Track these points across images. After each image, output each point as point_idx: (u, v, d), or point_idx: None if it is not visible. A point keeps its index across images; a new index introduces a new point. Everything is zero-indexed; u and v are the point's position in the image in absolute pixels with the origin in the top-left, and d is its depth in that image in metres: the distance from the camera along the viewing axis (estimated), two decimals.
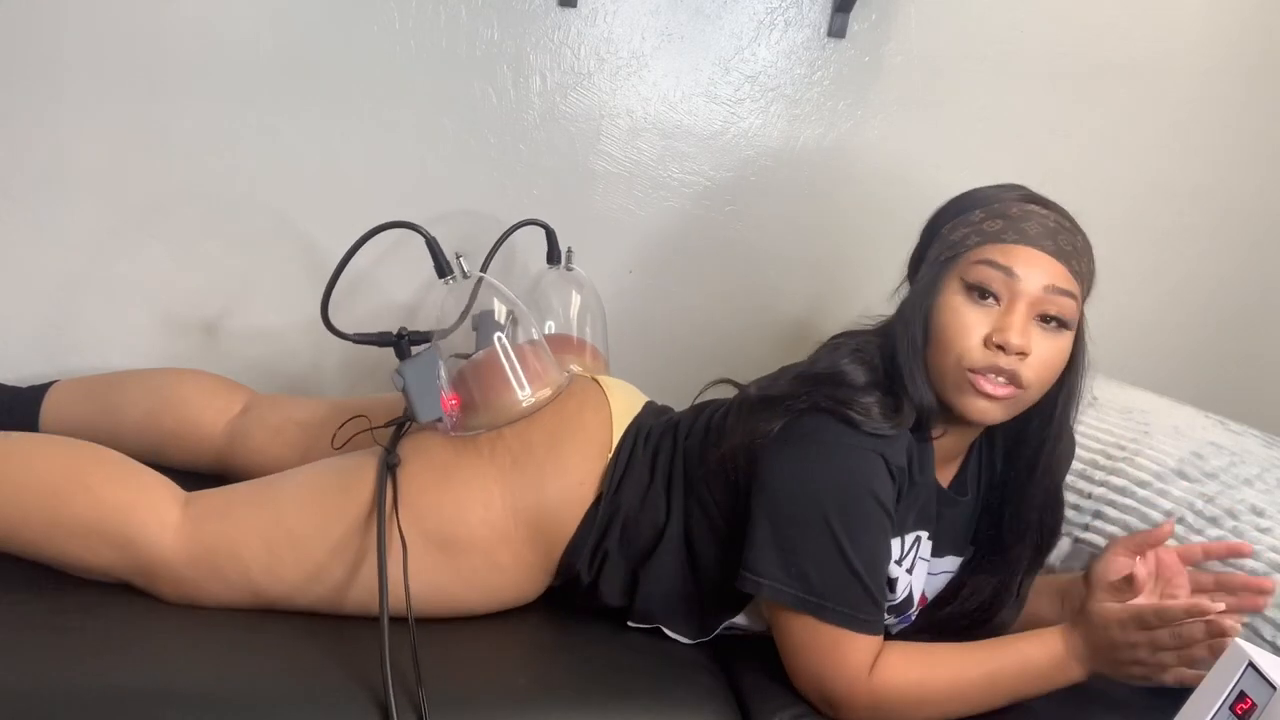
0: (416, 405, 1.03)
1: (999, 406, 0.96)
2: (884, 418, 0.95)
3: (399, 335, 1.07)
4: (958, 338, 0.95)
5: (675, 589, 1.06)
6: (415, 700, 0.89)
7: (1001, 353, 0.94)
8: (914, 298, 1.01)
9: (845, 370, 0.98)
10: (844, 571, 0.93)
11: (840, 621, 0.93)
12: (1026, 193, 1.01)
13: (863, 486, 0.94)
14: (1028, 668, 0.96)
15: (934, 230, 1.04)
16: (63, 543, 1.00)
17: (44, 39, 1.35)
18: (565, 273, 1.34)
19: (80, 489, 1.00)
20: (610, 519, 1.05)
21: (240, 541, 1.00)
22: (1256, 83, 1.58)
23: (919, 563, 1.06)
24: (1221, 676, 0.84)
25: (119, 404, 1.27)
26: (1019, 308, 0.94)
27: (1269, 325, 1.71)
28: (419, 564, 0.99)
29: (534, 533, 1.05)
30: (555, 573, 1.08)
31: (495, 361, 1.06)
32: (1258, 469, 1.19)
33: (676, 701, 0.99)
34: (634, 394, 1.17)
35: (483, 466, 1.05)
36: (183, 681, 0.90)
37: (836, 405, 0.95)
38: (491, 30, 1.42)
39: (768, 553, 0.95)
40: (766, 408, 0.99)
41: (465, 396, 1.05)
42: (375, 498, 1.01)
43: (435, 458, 1.05)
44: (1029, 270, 0.94)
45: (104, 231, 1.43)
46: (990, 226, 0.97)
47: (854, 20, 1.47)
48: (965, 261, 0.97)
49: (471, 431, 1.06)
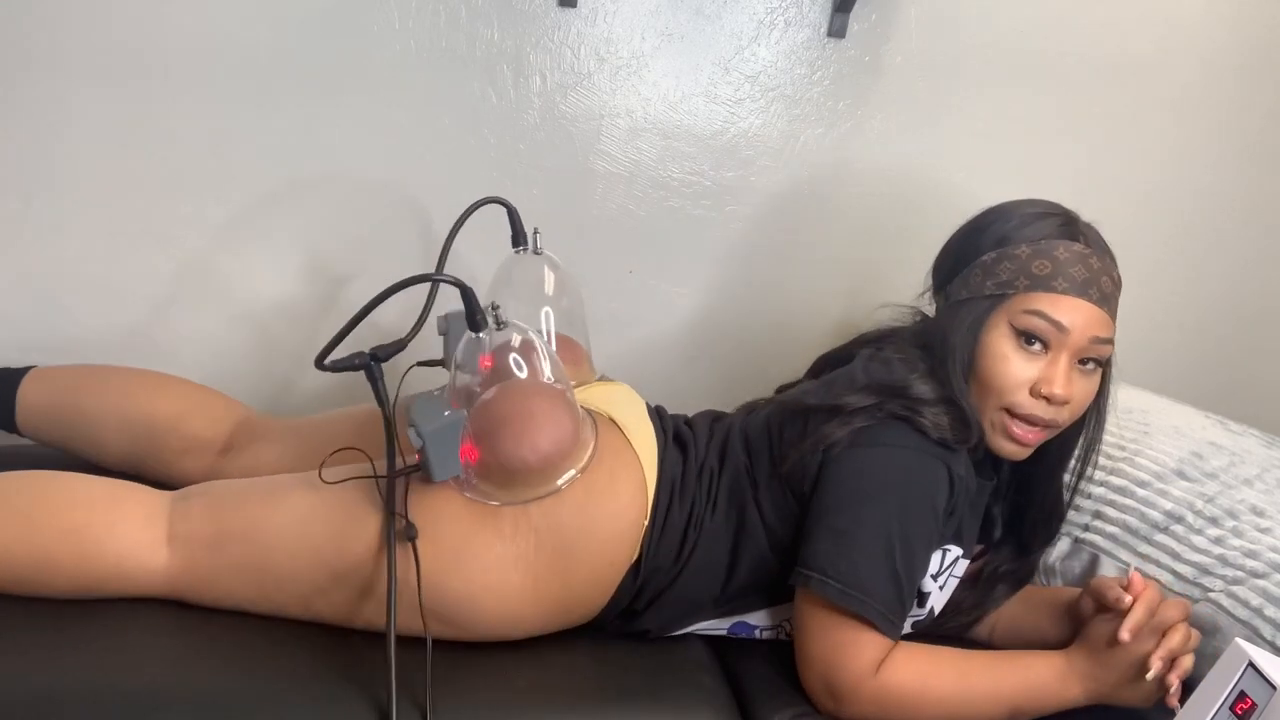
0: (434, 467, 0.92)
1: (1026, 450, 1.02)
2: (952, 430, 0.98)
3: (372, 356, 0.92)
4: (1005, 384, 0.99)
5: (685, 617, 1.06)
6: (419, 700, 0.89)
7: (1045, 402, 0.98)
8: (960, 329, 1.01)
9: (914, 384, 1.00)
10: (888, 572, 0.94)
11: (870, 617, 0.93)
12: (1064, 220, 1.02)
13: (925, 493, 0.97)
14: (1029, 680, 0.97)
15: (971, 249, 1.04)
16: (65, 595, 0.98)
17: (44, 39, 1.35)
18: (535, 256, 1.18)
19: (52, 574, 0.95)
20: (643, 586, 1.02)
21: (230, 574, 0.98)
22: (1257, 82, 1.57)
23: (950, 580, 1.07)
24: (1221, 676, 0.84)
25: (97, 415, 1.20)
26: (1064, 358, 0.98)
27: (1269, 325, 1.71)
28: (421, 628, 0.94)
29: (556, 615, 1.01)
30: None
31: (525, 422, 0.95)
32: (1258, 469, 1.19)
33: (676, 702, 0.99)
34: (641, 417, 1.10)
35: (501, 549, 0.96)
36: (183, 682, 0.90)
37: (911, 414, 0.98)
38: (491, 30, 1.42)
39: (826, 548, 0.96)
40: (835, 416, 1.00)
41: (487, 455, 0.93)
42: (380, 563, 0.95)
43: (444, 533, 0.95)
44: (1075, 321, 0.98)
45: (100, 231, 1.43)
46: (1039, 269, 0.98)
47: (854, 20, 1.47)
48: (1015, 307, 0.99)
49: (490, 500, 0.96)
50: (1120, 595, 0.97)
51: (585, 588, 1.00)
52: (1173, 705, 0.93)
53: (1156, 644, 0.94)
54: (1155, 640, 0.94)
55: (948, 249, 1.08)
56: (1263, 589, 1.06)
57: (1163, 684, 0.94)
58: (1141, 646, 0.95)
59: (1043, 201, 1.05)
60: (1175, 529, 1.15)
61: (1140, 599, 0.96)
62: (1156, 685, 0.94)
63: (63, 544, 0.96)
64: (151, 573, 0.97)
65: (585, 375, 1.20)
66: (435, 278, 0.93)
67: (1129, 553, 1.16)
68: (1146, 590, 0.97)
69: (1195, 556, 1.12)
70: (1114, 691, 0.97)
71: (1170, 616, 0.96)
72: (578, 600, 1.01)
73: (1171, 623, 0.95)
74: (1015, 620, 1.15)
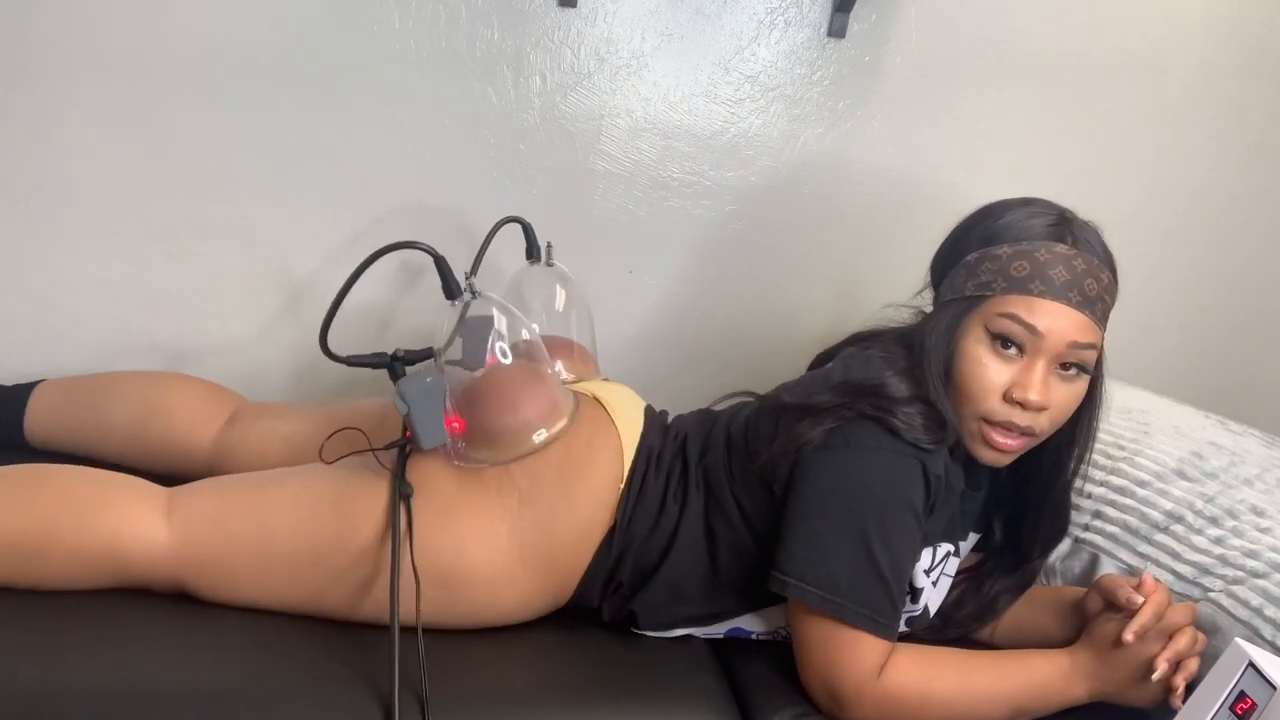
0: (420, 433, 0.98)
1: (1007, 458, 1.00)
2: (926, 430, 0.96)
3: (394, 357, 1.01)
4: (978, 390, 0.97)
5: (676, 603, 1.06)
6: (420, 700, 0.89)
7: (1020, 408, 0.96)
8: (938, 331, 1.00)
9: (889, 382, 0.99)
10: (872, 576, 0.93)
11: (859, 622, 0.93)
12: (1055, 220, 0.99)
13: (900, 492, 0.95)
14: (1033, 679, 0.97)
15: (960, 247, 1.03)
16: (54, 585, 0.99)
17: (41, 40, 1.35)
18: (547, 269, 1.28)
19: (51, 544, 0.97)
20: (623, 552, 1.04)
21: (232, 555, 0.99)
22: (1257, 81, 1.58)
23: (943, 578, 1.06)
24: (1221, 676, 0.84)
25: (105, 410, 1.25)
26: (1040, 364, 0.96)
27: (1269, 325, 1.71)
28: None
29: (542, 573, 1.03)
30: (563, 605, 1.07)
31: (503, 388, 1.02)
32: (1258, 469, 1.19)
33: (676, 701, 0.99)
34: (634, 405, 1.15)
35: (488, 503, 1.01)
36: (184, 682, 0.90)
37: (882, 414, 0.96)
38: (491, 30, 1.42)
39: (800, 553, 0.95)
40: (809, 415, 0.98)
41: (471, 422, 1.00)
42: (377, 529, 0.98)
43: (437, 491, 1.01)
44: (1052, 326, 0.95)
45: (99, 232, 1.42)
46: (1017, 271, 0.96)
47: (854, 20, 1.47)
48: (989, 310, 0.97)
49: (476, 464, 1.02)
50: (1131, 595, 0.97)
51: (568, 546, 1.03)
52: (1175, 705, 0.93)
53: (1163, 646, 0.94)
54: (1161, 642, 0.95)
55: (941, 248, 1.07)
56: (1263, 589, 1.06)
57: (1167, 685, 0.94)
58: (1148, 647, 0.95)
59: (1039, 201, 1.02)
60: (1175, 529, 1.15)
61: (1150, 601, 0.96)
62: (1161, 686, 0.94)
63: (60, 511, 0.98)
64: (151, 546, 0.98)
65: (589, 376, 1.22)
66: (408, 245, 0.99)
67: (1129, 552, 1.17)
68: (1156, 593, 0.96)
69: (1195, 556, 1.12)
70: (1118, 691, 0.97)
71: (1177, 620, 0.96)
72: (562, 562, 1.03)
73: (1178, 626, 0.95)
74: (1017, 619, 1.14)
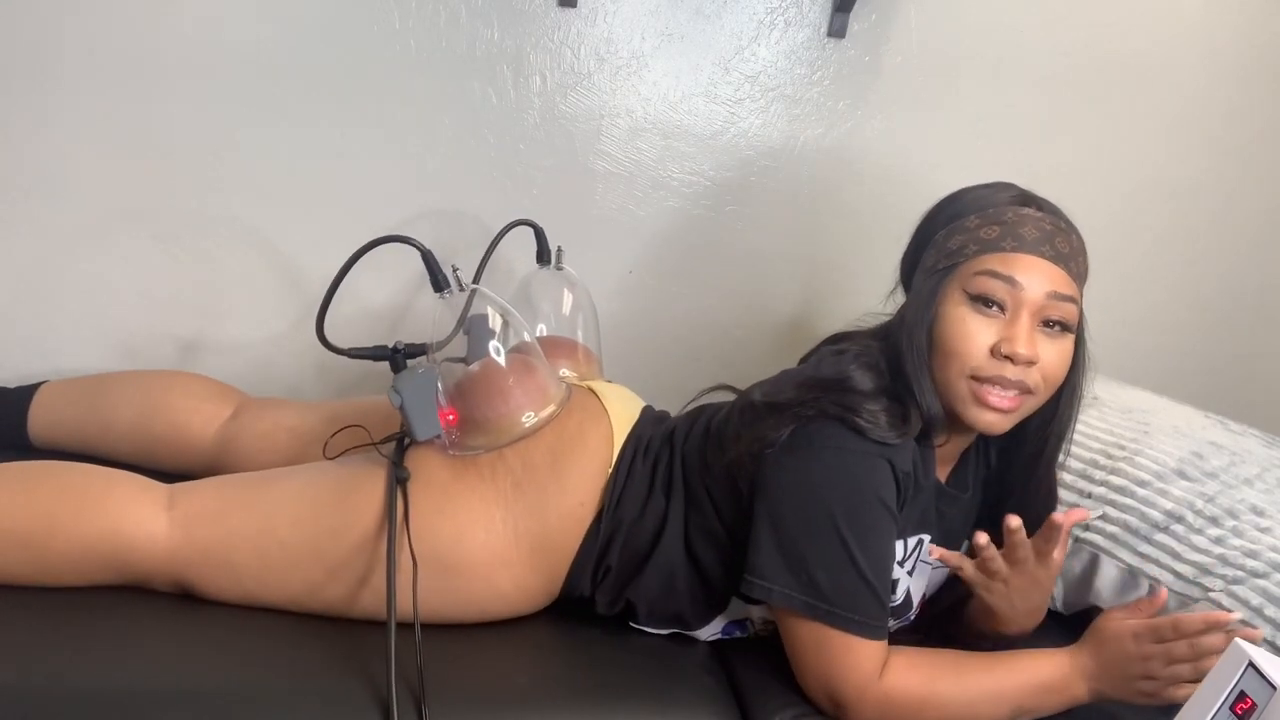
0: (414, 424, 1.00)
1: (1007, 418, 0.97)
2: (891, 426, 0.95)
3: (394, 349, 1.04)
4: (964, 348, 0.95)
5: (670, 595, 1.06)
6: (417, 701, 0.89)
7: (1009, 363, 0.94)
8: (916, 307, 0.99)
9: (853, 377, 0.97)
10: (853, 578, 0.93)
11: (849, 627, 0.93)
12: (1018, 193, 1.00)
13: (870, 492, 0.94)
14: (1034, 680, 0.96)
15: (927, 234, 1.03)
16: (57, 578, 0.99)
17: (41, 40, 1.35)
18: (556, 272, 1.31)
19: (52, 532, 0.98)
20: (612, 535, 1.05)
21: (233, 547, 1.00)
22: (1257, 82, 1.58)
23: (920, 566, 1.06)
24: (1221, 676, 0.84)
25: (108, 407, 1.26)
26: (1023, 316, 0.95)
27: (1268, 324, 1.71)
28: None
29: (536, 555, 1.03)
30: (557, 594, 1.07)
31: (495, 378, 1.03)
32: (1258, 469, 1.19)
33: (676, 701, 0.99)
34: (631, 401, 1.15)
35: (483, 488, 1.03)
36: (183, 681, 0.90)
37: (844, 412, 0.95)
38: (491, 30, 1.42)
39: (775, 558, 0.94)
40: (773, 414, 0.97)
41: (464, 412, 1.02)
42: (376, 517, 0.99)
43: (434, 477, 1.03)
44: (1030, 278, 0.95)
45: (98, 232, 1.43)
46: (987, 234, 0.97)
47: (854, 20, 1.47)
48: (965, 272, 0.97)
49: (471, 452, 1.04)
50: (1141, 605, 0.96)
51: (560, 527, 1.04)
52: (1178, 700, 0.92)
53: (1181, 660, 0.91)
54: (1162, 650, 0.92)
55: (908, 245, 1.07)
56: (1263, 589, 1.06)
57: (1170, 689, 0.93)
58: (1151, 650, 0.93)
59: (999, 181, 1.02)
60: (1175, 528, 1.15)
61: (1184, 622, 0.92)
62: (1164, 688, 0.93)
63: (62, 502, 0.99)
64: (152, 537, 0.99)
65: (593, 377, 1.23)
66: (395, 239, 1.03)
67: (1129, 552, 1.17)
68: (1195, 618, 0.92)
69: (1195, 556, 1.12)
70: (1121, 691, 0.96)
71: (1215, 644, 0.91)
72: (555, 543, 1.04)
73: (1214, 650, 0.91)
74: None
